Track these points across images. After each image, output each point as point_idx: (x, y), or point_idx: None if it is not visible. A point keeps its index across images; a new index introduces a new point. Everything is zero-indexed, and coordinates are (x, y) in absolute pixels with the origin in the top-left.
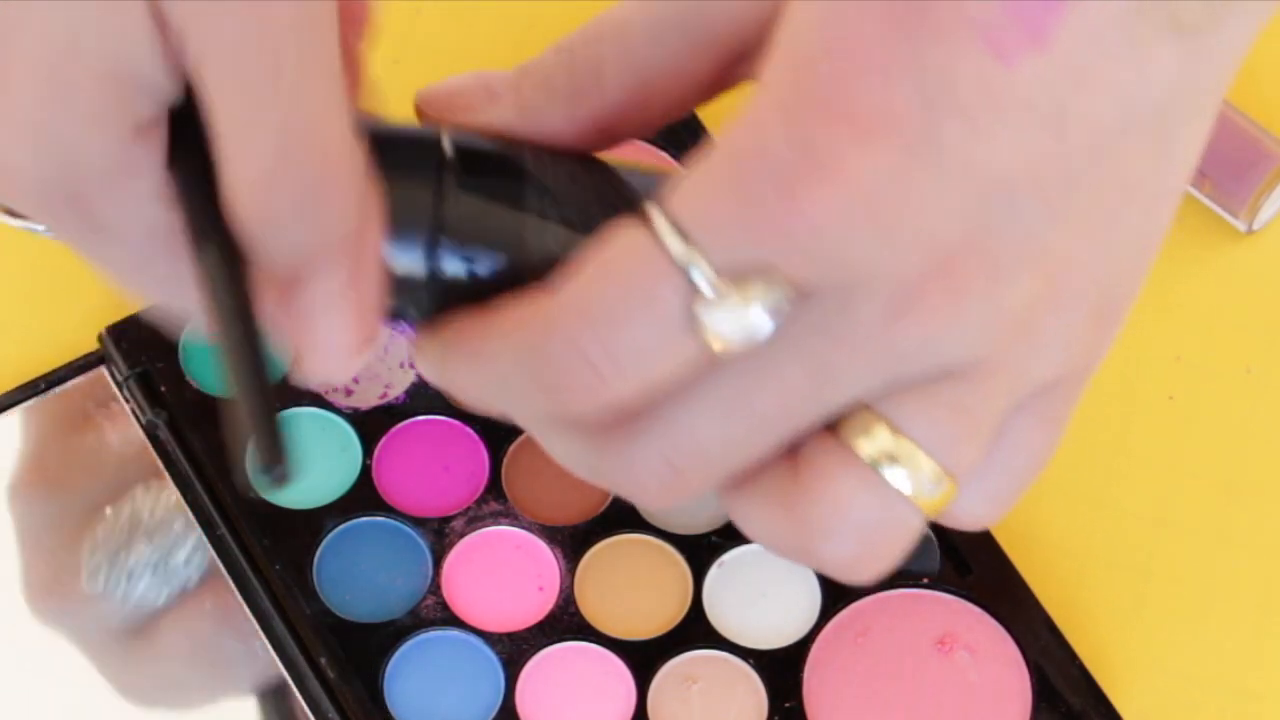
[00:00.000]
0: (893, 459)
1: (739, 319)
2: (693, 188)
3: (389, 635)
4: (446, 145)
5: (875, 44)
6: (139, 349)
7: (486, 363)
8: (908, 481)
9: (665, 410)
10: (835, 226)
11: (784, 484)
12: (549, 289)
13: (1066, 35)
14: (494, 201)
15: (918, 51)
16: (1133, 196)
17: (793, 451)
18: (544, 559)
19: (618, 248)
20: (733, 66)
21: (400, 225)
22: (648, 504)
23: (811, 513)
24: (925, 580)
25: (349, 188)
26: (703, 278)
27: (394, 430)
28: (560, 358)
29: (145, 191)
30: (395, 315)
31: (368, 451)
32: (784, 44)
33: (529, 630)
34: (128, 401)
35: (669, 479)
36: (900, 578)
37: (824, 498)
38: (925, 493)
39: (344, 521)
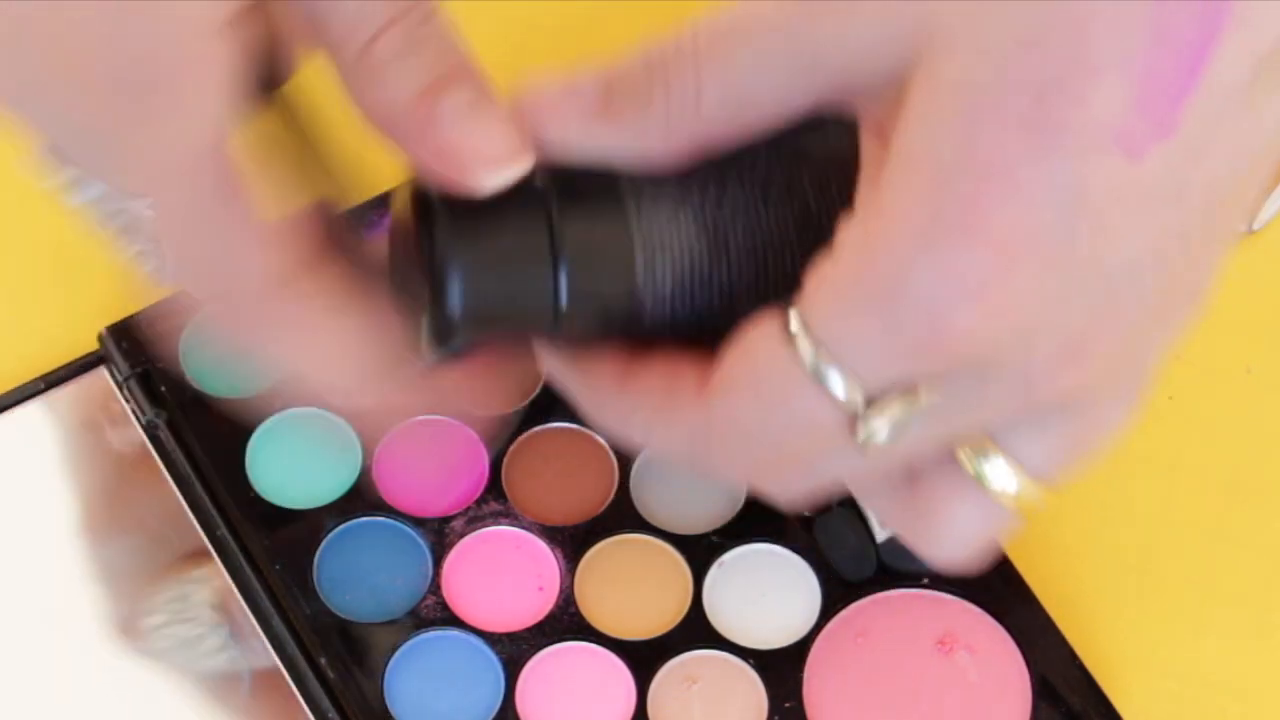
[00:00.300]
0: (1004, 483)
1: (878, 429)
2: (833, 305)
3: (389, 635)
4: (539, 179)
5: (1013, 163)
6: (139, 349)
7: (638, 431)
8: (1014, 500)
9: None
10: (979, 348)
11: (902, 499)
12: (700, 384)
13: (1192, 117)
14: (599, 220)
15: (1055, 168)
16: (1231, 214)
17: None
18: (544, 559)
19: (760, 360)
20: (836, 97)
21: (523, 261)
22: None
23: (928, 529)
24: (925, 580)
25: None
26: (841, 390)
27: (394, 430)
28: (720, 468)
29: None
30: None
31: (368, 451)
32: (916, 155)
33: (529, 630)
34: (128, 401)
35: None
36: (900, 578)
37: (939, 520)
38: (1025, 503)
39: (344, 521)
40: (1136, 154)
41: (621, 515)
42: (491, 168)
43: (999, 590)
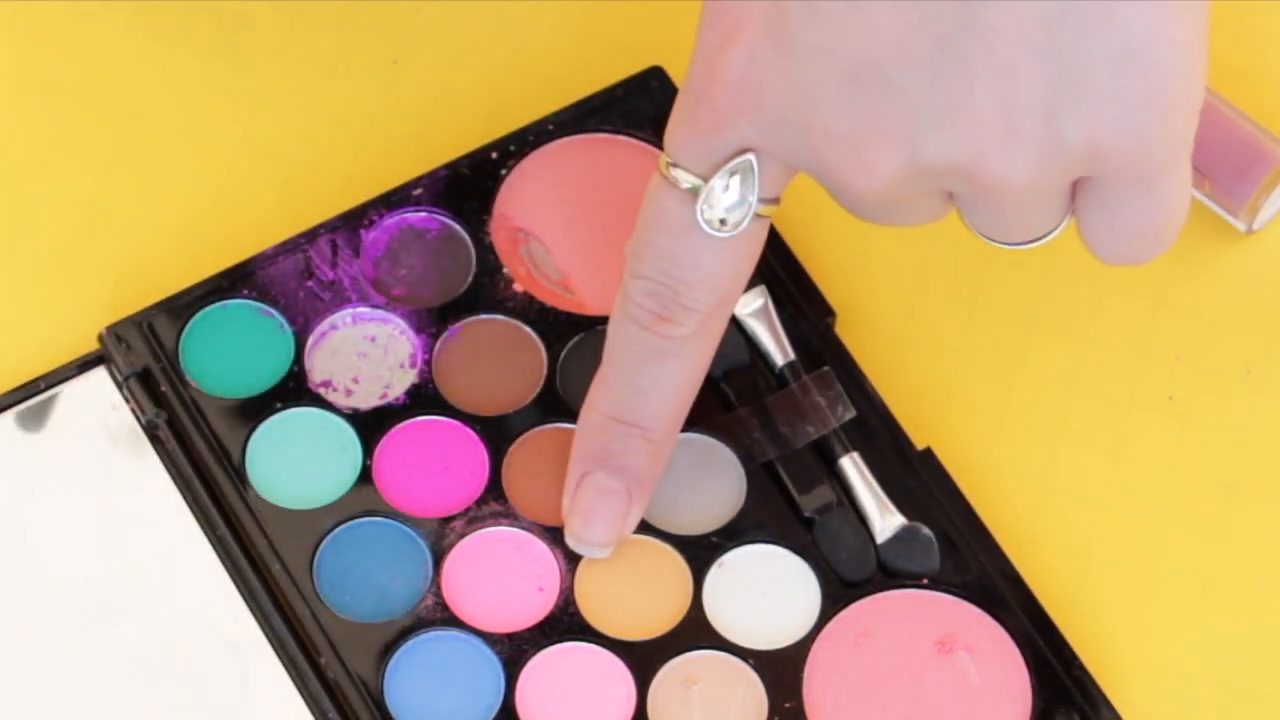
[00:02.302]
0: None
1: (726, 199)
2: (669, 129)
3: (389, 635)
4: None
5: None
6: (139, 349)
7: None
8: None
9: None
10: (737, 106)
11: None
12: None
13: None
14: None
15: None
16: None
17: None
18: (544, 559)
19: (649, 197)
20: None
21: None
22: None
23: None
24: (925, 580)
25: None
26: (689, 182)
27: (394, 430)
28: (634, 292)
29: None
30: None
31: (368, 451)
32: None
33: (529, 630)
34: (128, 401)
35: None
36: (900, 578)
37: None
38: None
39: (344, 521)
40: None
41: None
42: None
43: (999, 590)
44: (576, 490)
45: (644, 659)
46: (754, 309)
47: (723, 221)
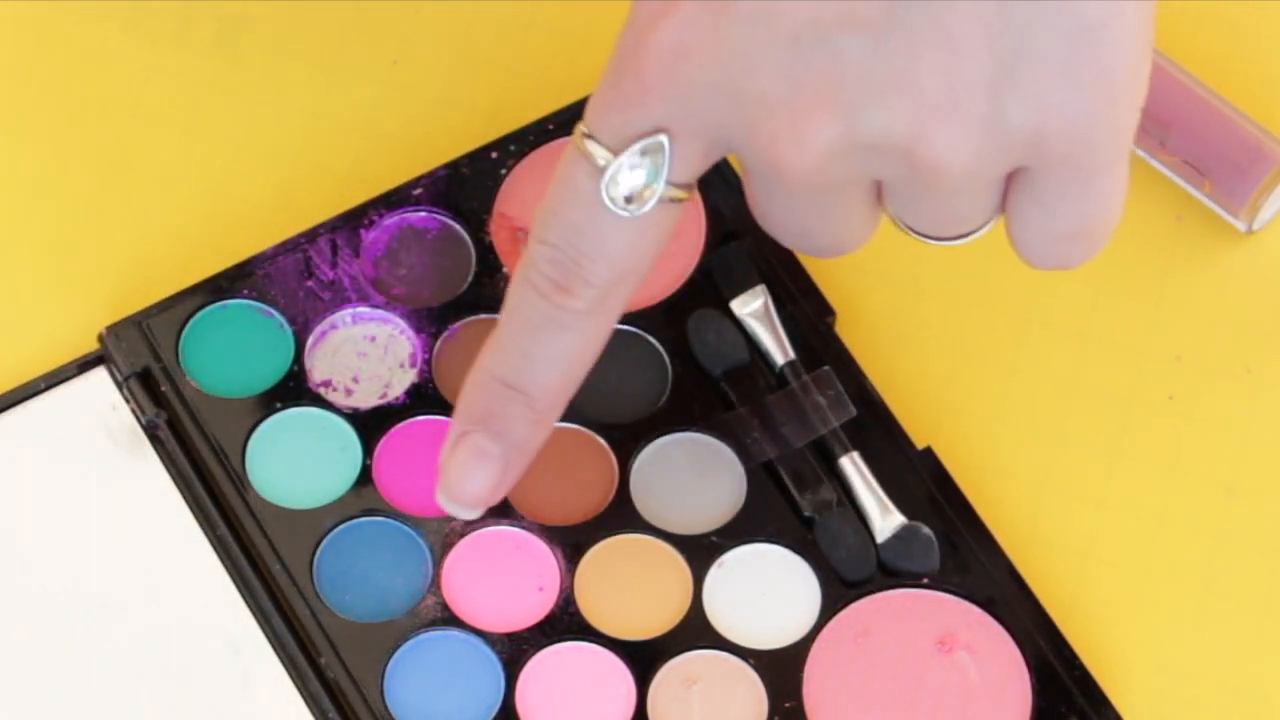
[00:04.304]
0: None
1: (632, 179)
2: (591, 99)
3: (389, 635)
4: None
5: None
6: (139, 349)
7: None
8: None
9: None
10: (673, 86)
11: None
12: None
13: None
14: None
15: None
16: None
17: None
18: (544, 559)
19: (561, 164)
20: None
21: None
22: None
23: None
24: (925, 580)
25: None
26: (600, 157)
27: (394, 430)
28: (538, 262)
29: None
30: None
31: (368, 451)
32: None
33: (529, 630)
34: (128, 401)
35: None
36: (900, 578)
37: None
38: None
39: (344, 521)
40: None
41: (621, 515)
42: None
43: (999, 590)
44: (454, 448)
45: (644, 659)
46: (754, 308)
47: (628, 200)
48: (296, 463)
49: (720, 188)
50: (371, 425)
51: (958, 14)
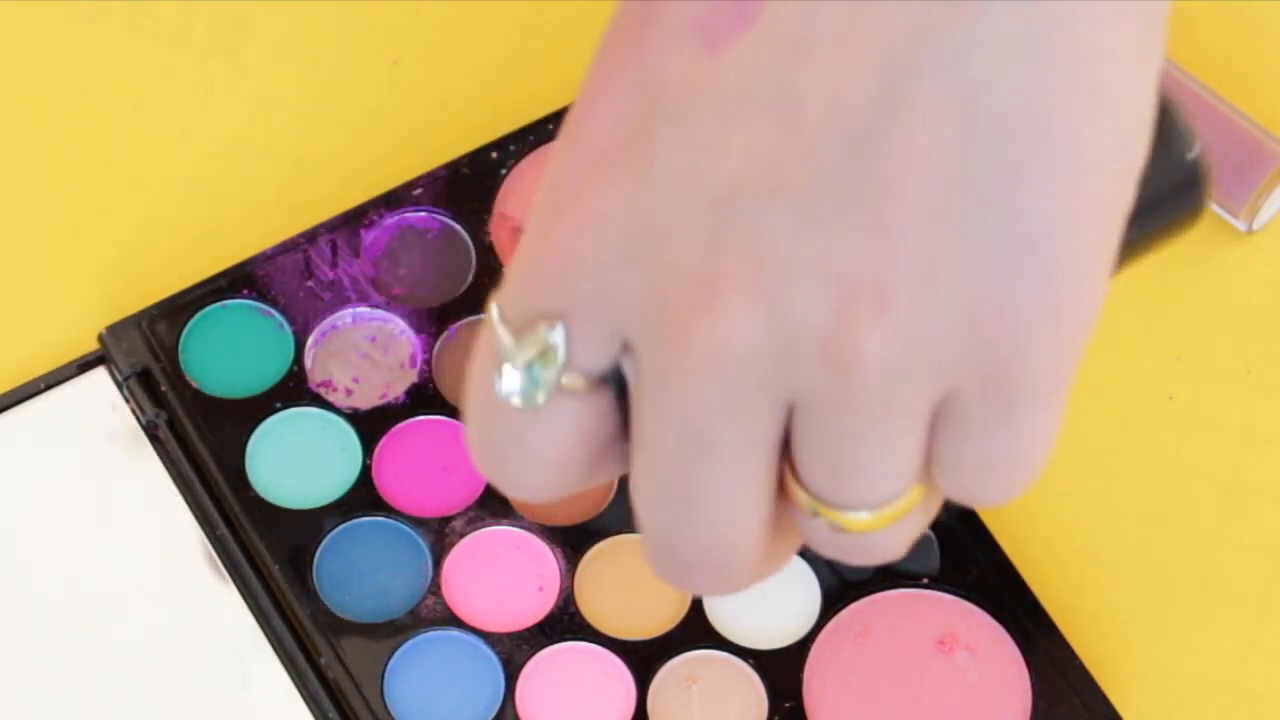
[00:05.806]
0: (818, 511)
1: (513, 376)
2: (506, 277)
3: (389, 635)
4: None
5: (618, 62)
6: (139, 349)
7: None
8: (839, 522)
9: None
10: (579, 259)
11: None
12: None
13: (788, 9)
14: None
15: (639, 64)
16: (945, 164)
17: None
18: (544, 559)
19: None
20: None
21: None
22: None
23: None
24: (925, 580)
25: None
26: (502, 338)
27: (394, 430)
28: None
29: None
30: None
31: (368, 451)
32: None
33: (529, 630)
34: (128, 401)
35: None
36: (900, 578)
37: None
38: (878, 511)
39: (344, 521)
40: (714, 46)
41: (622, 515)
42: None
43: (999, 590)
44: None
45: (644, 659)
46: None
47: (518, 396)
48: (296, 463)
49: None
50: (371, 425)
51: (894, 198)
